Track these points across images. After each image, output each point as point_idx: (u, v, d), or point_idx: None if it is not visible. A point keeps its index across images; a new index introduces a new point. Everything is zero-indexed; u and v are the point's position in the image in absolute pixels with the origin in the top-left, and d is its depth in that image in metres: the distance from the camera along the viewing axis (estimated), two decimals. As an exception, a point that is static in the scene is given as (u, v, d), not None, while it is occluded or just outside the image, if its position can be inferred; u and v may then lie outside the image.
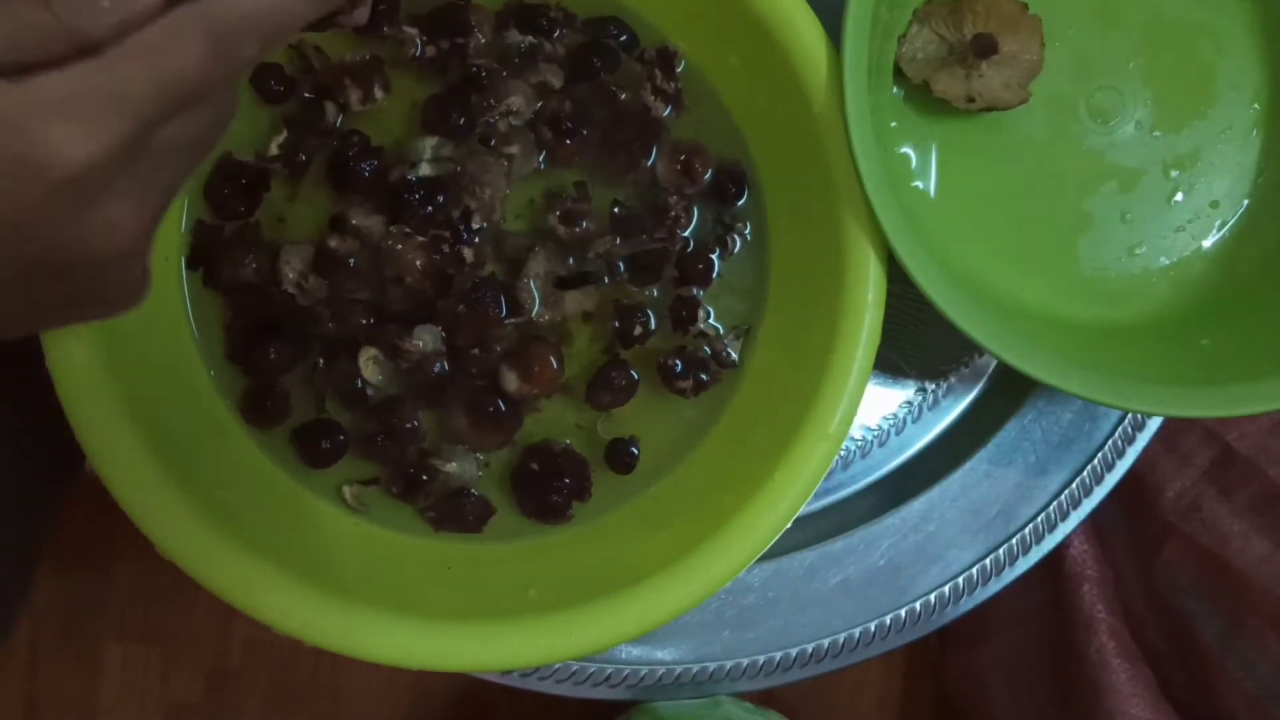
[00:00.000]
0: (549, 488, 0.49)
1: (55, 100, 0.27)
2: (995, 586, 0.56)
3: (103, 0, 0.28)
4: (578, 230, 0.50)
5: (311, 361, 0.49)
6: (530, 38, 0.50)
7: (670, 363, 0.50)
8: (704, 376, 0.50)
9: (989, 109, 0.52)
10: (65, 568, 0.94)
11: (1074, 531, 0.57)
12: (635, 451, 0.50)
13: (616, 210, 0.50)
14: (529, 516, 0.50)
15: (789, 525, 0.45)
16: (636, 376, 0.50)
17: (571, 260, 0.50)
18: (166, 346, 0.48)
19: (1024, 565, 0.56)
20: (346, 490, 0.49)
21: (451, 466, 0.49)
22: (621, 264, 0.50)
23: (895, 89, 0.53)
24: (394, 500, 0.50)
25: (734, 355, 0.50)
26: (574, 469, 0.50)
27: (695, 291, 0.50)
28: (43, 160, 0.27)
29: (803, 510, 0.46)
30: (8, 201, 0.27)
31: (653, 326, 0.50)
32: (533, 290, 0.50)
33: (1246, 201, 0.55)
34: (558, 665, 0.54)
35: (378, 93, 0.50)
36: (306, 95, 0.50)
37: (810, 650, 0.55)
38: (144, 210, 0.31)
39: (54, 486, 0.61)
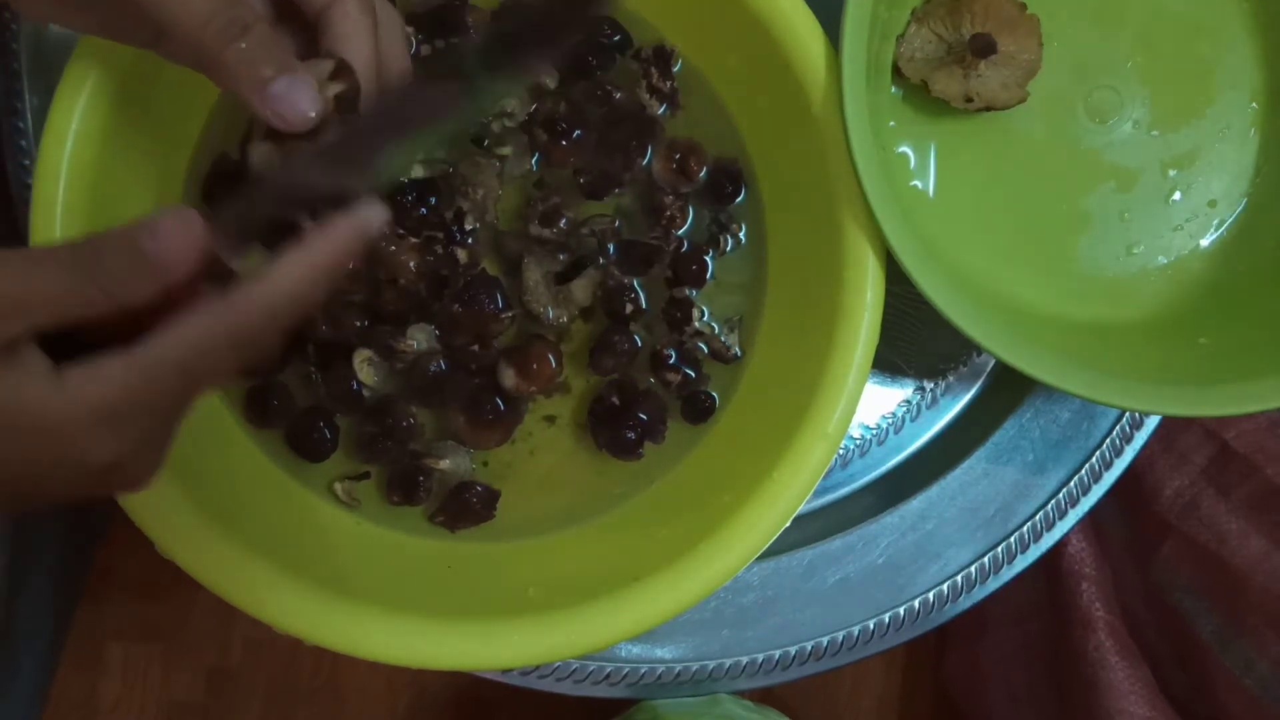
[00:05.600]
0: (625, 423, 0.50)
1: (93, 407, 0.31)
2: (994, 585, 0.56)
3: (138, 272, 0.31)
4: (563, 225, 0.50)
5: (306, 367, 0.50)
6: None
7: (665, 352, 0.50)
8: (691, 373, 0.50)
9: (987, 108, 0.52)
10: (65, 567, 0.94)
11: (1072, 530, 0.57)
12: (714, 396, 0.51)
13: (581, 181, 0.50)
14: (602, 449, 0.50)
15: (788, 524, 0.46)
16: (640, 342, 0.50)
17: (562, 256, 0.50)
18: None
19: (1022, 563, 0.56)
20: (338, 486, 0.49)
21: (445, 464, 0.49)
22: (613, 247, 0.50)
23: (894, 88, 0.53)
24: (398, 505, 0.50)
25: (735, 349, 0.50)
26: (652, 408, 0.50)
27: (690, 292, 0.50)
28: (79, 459, 0.31)
29: (801, 509, 0.46)
30: (46, 484, 0.32)
31: (644, 305, 0.50)
32: (540, 298, 0.50)
33: (1244, 200, 0.55)
34: (558, 664, 0.54)
35: None
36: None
37: (809, 648, 0.55)
38: (158, 459, 0.35)
39: (85, 550, 0.64)
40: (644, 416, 0.50)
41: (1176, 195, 0.54)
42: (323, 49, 0.37)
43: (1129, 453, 0.57)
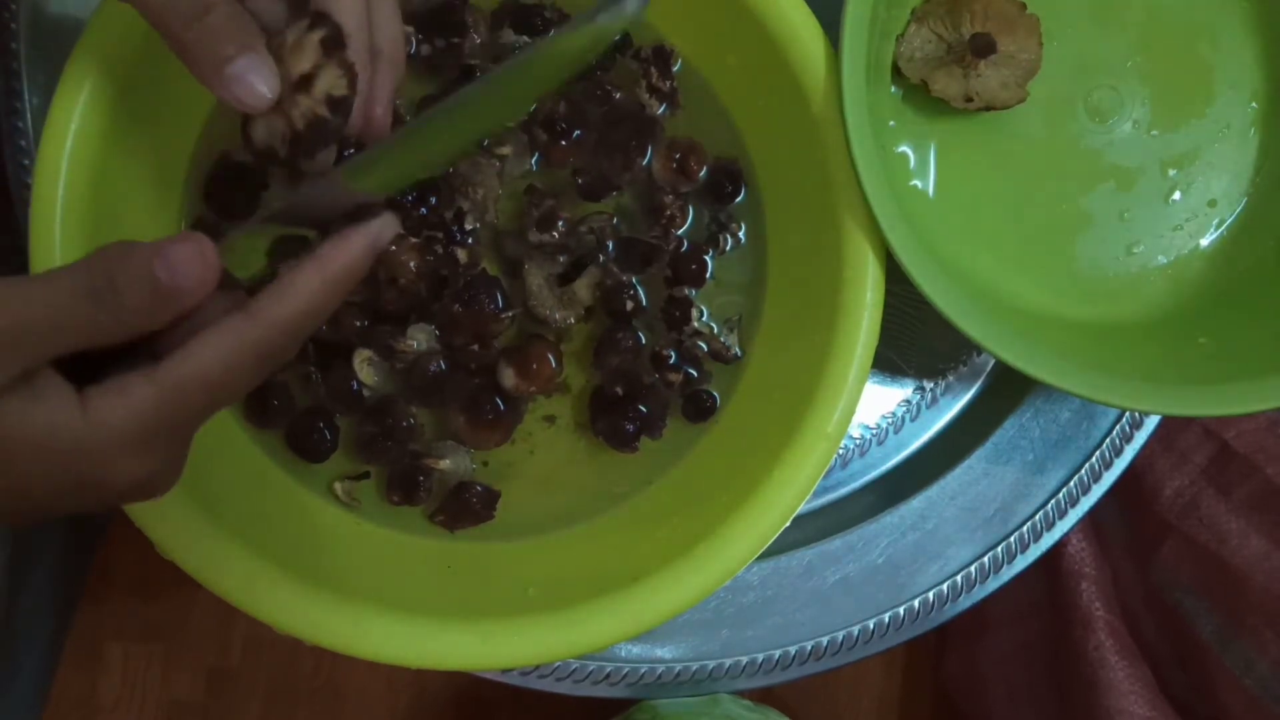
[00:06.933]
0: (625, 414, 0.50)
1: (119, 433, 0.31)
2: (993, 584, 0.56)
3: (155, 301, 0.31)
4: (562, 227, 0.50)
5: (306, 367, 0.50)
6: (525, 37, 0.51)
7: (665, 352, 0.50)
8: (693, 372, 0.50)
9: (987, 108, 0.52)
10: (65, 567, 0.94)
11: (1072, 529, 0.57)
12: (715, 395, 0.50)
13: (580, 181, 0.50)
14: (598, 435, 0.50)
15: (788, 524, 0.46)
16: (644, 339, 0.50)
17: (562, 257, 0.50)
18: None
19: (1022, 563, 0.56)
20: (338, 486, 0.49)
21: (445, 464, 0.49)
22: (611, 245, 0.50)
23: (893, 88, 0.53)
24: (398, 505, 0.50)
25: (735, 349, 0.50)
26: (654, 402, 0.50)
27: (689, 291, 0.50)
28: (108, 481, 0.32)
29: (801, 509, 0.46)
30: (74, 501, 0.33)
31: (644, 304, 0.50)
32: (545, 301, 0.50)
33: (1244, 200, 0.55)
34: (557, 664, 0.54)
35: None
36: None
37: (809, 648, 0.55)
38: (177, 473, 0.35)
39: (87, 548, 0.64)
40: (644, 409, 0.50)
41: (1176, 195, 0.54)
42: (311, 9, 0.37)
43: (1129, 453, 0.57)
